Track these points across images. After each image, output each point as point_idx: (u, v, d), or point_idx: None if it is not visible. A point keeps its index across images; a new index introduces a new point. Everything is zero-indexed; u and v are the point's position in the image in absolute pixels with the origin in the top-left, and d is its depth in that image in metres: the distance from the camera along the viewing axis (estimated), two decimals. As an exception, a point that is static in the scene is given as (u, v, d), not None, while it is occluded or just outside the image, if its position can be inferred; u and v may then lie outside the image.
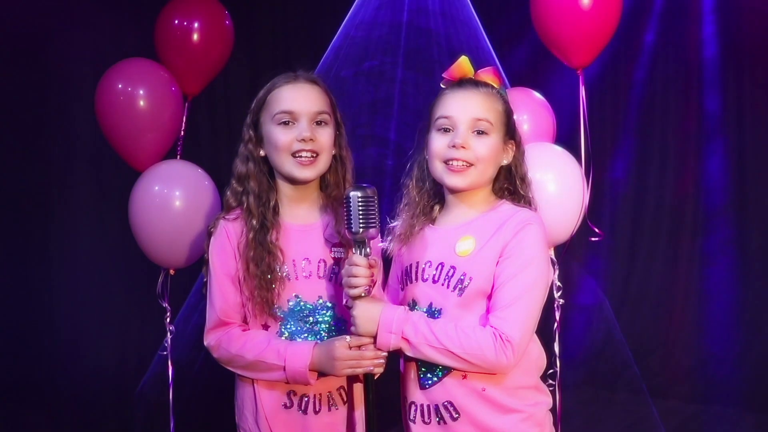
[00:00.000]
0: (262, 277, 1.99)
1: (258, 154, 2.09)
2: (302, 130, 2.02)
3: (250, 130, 2.10)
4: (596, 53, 3.00)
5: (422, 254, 2.01)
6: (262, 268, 1.99)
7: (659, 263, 4.56)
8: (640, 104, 4.52)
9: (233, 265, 2.04)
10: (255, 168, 2.08)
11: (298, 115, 2.03)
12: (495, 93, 1.98)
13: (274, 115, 2.03)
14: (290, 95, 2.04)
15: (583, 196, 2.90)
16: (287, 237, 2.05)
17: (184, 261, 2.77)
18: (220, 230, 2.06)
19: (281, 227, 2.05)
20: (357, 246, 1.89)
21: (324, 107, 2.08)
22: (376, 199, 1.87)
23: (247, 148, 2.10)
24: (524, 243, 1.88)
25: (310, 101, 2.05)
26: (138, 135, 2.86)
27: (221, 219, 2.07)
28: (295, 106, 2.03)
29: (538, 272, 1.87)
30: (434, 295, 1.95)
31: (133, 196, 2.77)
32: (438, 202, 2.07)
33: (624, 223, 4.54)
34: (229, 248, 2.04)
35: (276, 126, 2.03)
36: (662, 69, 4.59)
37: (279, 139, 2.03)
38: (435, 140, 1.97)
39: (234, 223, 2.06)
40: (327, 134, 2.07)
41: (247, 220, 2.04)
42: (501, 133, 1.97)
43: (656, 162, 4.59)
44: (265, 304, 1.99)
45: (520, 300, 1.84)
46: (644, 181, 4.56)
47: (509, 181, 2.03)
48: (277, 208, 2.07)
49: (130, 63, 2.93)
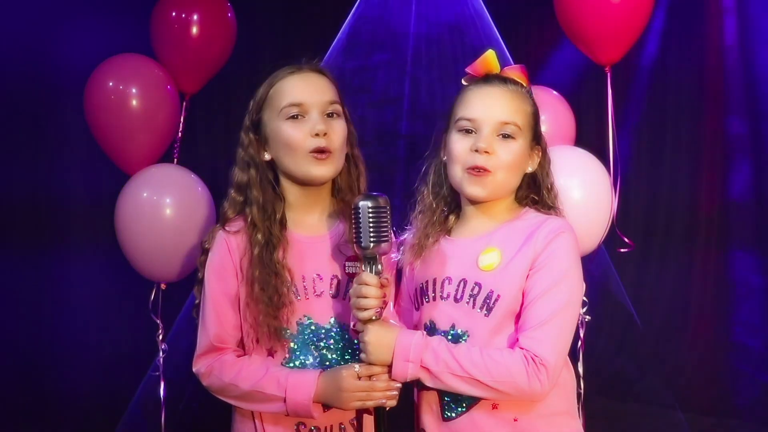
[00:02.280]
0: (269, 301, 1.83)
1: (262, 159, 1.93)
2: (315, 122, 1.86)
3: (250, 133, 1.93)
4: (626, 49, 2.90)
5: (440, 269, 1.87)
6: (269, 292, 1.84)
7: (688, 273, 4.40)
8: (664, 102, 4.36)
9: (233, 285, 1.88)
10: (258, 175, 1.92)
11: (308, 107, 1.87)
12: (524, 93, 1.86)
13: (280, 110, 1.87)
14: (296, 85, 1.89)
15: (612, 203, 2.81)
16: (296, 251, 1.90)
17: (175, 275, 2.65)
18: (220, 244, 1.89)
19: (288, 241, 1.90)
20: (367, 262, 1.74)
21: (335, 96, 1.93)
22: (389, 209, 1.73)
23: (248, 153, 1.93)
24: (557, 254, 1.76)
25: (319, 90, 1.90)
26: (130, 137, 2.76)
27: (220, 230, 1.91)
28: (303, 96, 1.88)
29: (572, 286, 1.76)
30: (457, 315, 1.82)
31: (120, 203, 2.65)
32: (453, 210, 1.95)
33: (652, 232, 4.38)
34: (230, 265, 1.88)
35: (284, 122, 1.87)
36: (689, 66, 4.44)
37: (291, 135, 1.87)
38: (456, 142, 1.84)
39: (236, 237, 1.89)
40: (340, 127, 1.92)
41: (251, 234, 1.87)
42: (528, 137, 1.84)
43: (685, 166, 4.43)
44: (272, 331, 1.85)
45: (554, 317, 1.72)
46: (675, 187, 4.40)
47: (533, 189, 1.91)
48: (284, 220, 1.92)
49: (123, 59, 2.83)
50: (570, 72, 4.18)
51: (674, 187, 4.36)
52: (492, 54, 1.88)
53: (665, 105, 4.34)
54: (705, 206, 4.40)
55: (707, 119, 4.30)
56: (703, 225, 4.42)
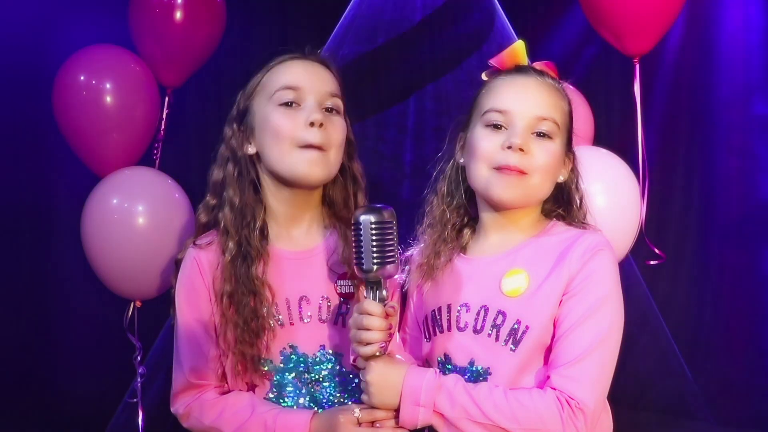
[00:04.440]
0: (244, 326, 1.67)
1: (244, 152, 1.76)
2: (311, 111, 1.69)
3: (234, 124, 1.78)
4: (657, 38, 2.77)
5: (455, 294, 1.72)
6: (245, 314, 1.67)
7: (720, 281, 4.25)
8: (694, 99, 4.19)
9: (207, 309, 1.72)
10: (235, 170, 1.76)
11: (304, 94, 1.71)
12: (561, 89, 1.73)
13: (273, 93, 1.71)
14: (295, 70, 1.73)
15: (641, 210, 2.71)
16: (279, 268, 1.73)
17: (151, 292, 2.52)
18: (189, 262, 1.75)
19: (270, 256, 1.73)
20: (369, 288, 1.57)
21: (337, 89, 1.77)
22: (395, 224, 1.56)
23: (229, 146, 1.78)
24: (596, 276, 1.61)
25: (321, 78, 1.74)
26: (104, 136, 2.61)
27: (190, 245, 1.77)
28: (301, 80, 1.71)
29: (612, 313, 1.61)
30: (478, 349, 1.66)
31: (86, 211, 2.51)
32: (467, 224, 1.80)
33: (683, 242, 4.20)
34: (201, 286, 1.72)
35: (276, 108, 1.70)
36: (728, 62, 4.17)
37: (280, 123, 1.69)
38: (483, 139, 1.68)
39: (207, 251, 1.73)
40: (339, 126, 1.75)
41: (223, 243, 1.72)
42: (564, 139, 1.71)
43: (719, 169, 4.23)
44: (249, 360, 1.68)
45: (593, 352, 1.57)
46: (710, 194, 4.22)
47: (560, 203, 1.78)
48: (265, 230, 1.75)
49: (96, 50, 2.68)
50: (582, 61, 4.04)
51: (707, 190, 4.20)
52: (521, 45, 1.75)
53: (692, 100, 4.15)
54: (737, 209, 4.24)
55: (739, 114, 4.12)
56: (734, 228, 4.22)
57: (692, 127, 4.03)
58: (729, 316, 4.13)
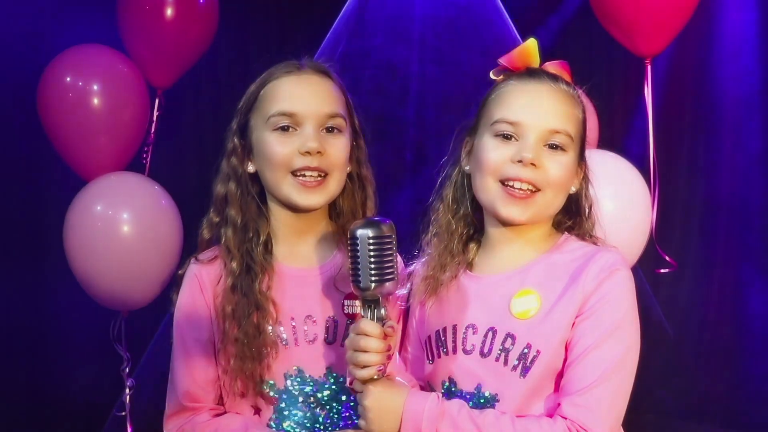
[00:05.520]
0: (246, 343, 1.62)
1: (245, 170, 1.73)
2: (307, 138, 1.66)
3: (235, 138, 1.74)
4: (670, 38, 2.75)
5: (461, 314, 1.65)
6: (246, 328, 1.62)
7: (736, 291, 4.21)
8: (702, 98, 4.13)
9: (207, 327, 1.67)
10: (238, 189, 1.71)
11: (301, 119, 1.67)
12: (575, 95, 1.66)
13: (268, 118, 1.68)
14: (291, 90, 1.69)
15: (652, 216, 2.69)
16: (284, 286, 1.69)
17: (138, 302, 2.50)
18: (190, 278, 1.70)
19: (275, 272, 1.69)
20: (367, 307, 1.52)
21: (338, 108, 1.72)
22: (394, 238, 1.50)
23: (230, 164, 1.74)
24: (611, 297, 1.55)
25: (319, 99, 1.70)
26: (92, 140, 2.61)
27: (192, 260, 1.74)
28: (297, 105, 1.67)
29: (629, 337, 1.56)
30: (485, 374, 1.60)
31: (69, 218, 2.48)
32: (473, 237, 1.74)
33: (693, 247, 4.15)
34: (201, 304, 1.68)
35: (270, 132, 1.67)
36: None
37: (274, 150, 1.66)
38: (491, 150, 1.61)
39: (209, 267, 1.70)
40: (340, 146, 1.70)
41: (226, 262, 1.69)
42: (577, 151, 1.64)
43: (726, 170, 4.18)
44: (250, 379, 1.63)
45: (607, 378, 1.51)
46: (715, 196, 4.16)
47: (570, 213, 1.71)
48: (270, 245, 1.72)
49: (82, 50, 2.69)
50: (584, 61, 3.93)
51: (713, 195, 4.15)
52: (533, 44, 1.66)
53: (703, 101, 4.11)
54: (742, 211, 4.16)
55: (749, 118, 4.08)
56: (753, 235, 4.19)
57: (695, 127, 4.00)
58: (733, 317, 4.09)
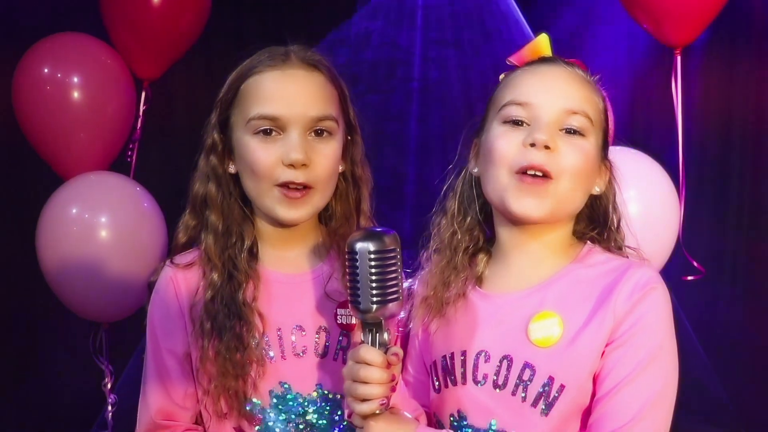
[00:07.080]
0: (228, 358, 1.52)
1: (226, 170, 1.62)
2: (291, 148, 1.53)
3: (215, 133, 1.62)
4: (702, 27, 2.65)
5: (470, 338, 1.52)
6: (228, 341, 1.53)
7: None
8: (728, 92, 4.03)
9: (182, 339, 1.57)
10: (219, 191, 1.61)
11: (285, 123, 1.54)
12: (594, 82, 1.55)
13: (248, 120, 1.56)
14: (275, 90, 1.57)
15: (680, 219, 2.60)
16: (270, 293, 1.60)
17: (118, 313, 2.44)
18: (165, 284, 1.60)
19: (261, 279, 1.60)
20: (368, 330, 1.40)
21: (328, 109, 1.58)
22: (399, 252, 1.38)
23: (209, 162, 1.62)
24: (648, 321, 1.42)
25: (306, 101, 1.57)
26: (71, 136, 2.54)
27: (167, 264, 1.63)
28: (281, 108, 1.55)
29: (669, 364, 1.44)
30: (499, 409, 1.47)
31: (42, 222, 2.43)
32: (482, 248, 1.62)
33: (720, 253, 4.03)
34: (176, 312, 1.58)
35: (252, 137, 1.56)
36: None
37: (256, 157, 1.56)
38: (499, 137, 1.49)
39: (187, 273, 1.59)
40: (329, 152, 1.58)
41: (205, 271, 1.59)
42: (599, 140, 1.51)
43: None
44: (234, 398, 1.54)
45: (645, 417, 1.39)
46: (739, 194, 4.05)
47: (593, 223, 1.58)
48: (255, 248, 1.62)
49: (61, 39, 2.63)
50: (604, 50, 3.93)
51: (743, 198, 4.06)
52: (545, 38, 1.58)
53: (730, 96, 3.98)
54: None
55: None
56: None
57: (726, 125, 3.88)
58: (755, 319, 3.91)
